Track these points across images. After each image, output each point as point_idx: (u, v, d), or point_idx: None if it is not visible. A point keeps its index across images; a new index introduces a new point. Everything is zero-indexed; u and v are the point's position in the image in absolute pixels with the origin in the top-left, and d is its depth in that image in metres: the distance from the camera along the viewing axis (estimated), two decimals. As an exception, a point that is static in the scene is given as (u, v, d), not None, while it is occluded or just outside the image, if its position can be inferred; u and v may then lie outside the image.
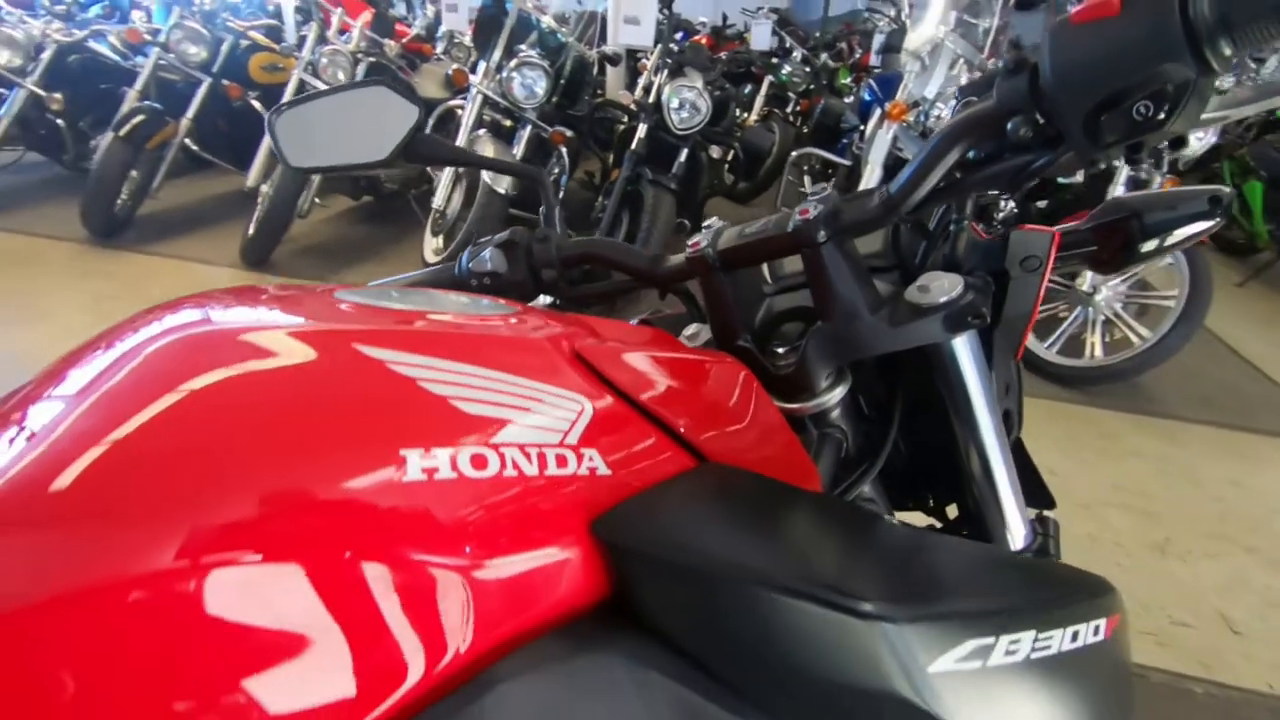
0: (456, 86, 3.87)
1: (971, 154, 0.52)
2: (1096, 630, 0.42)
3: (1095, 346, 2.95)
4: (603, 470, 0.39)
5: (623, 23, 3.43)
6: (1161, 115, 0.40)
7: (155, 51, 3.92)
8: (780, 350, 0.63)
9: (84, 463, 0.30)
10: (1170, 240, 0.62)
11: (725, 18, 7.71)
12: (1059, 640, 0.40)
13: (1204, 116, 0.44)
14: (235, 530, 0.29)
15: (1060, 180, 3.01)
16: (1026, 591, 0.42)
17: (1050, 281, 3.14)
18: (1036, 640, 0.38)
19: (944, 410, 0.62)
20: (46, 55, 3.93)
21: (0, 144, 3.89)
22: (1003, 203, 0.72)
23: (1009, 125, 0.47)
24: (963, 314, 0.54)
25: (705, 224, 0.64)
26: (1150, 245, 0.63)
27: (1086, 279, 2.95)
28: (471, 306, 0.49)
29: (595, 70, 4.28)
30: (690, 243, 0.62)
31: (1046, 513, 0.71)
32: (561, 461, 0.37)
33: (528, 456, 0.35)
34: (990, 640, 0.36)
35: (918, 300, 0.55)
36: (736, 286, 0.63)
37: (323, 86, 3.45)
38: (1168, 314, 2.77)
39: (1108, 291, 2.95)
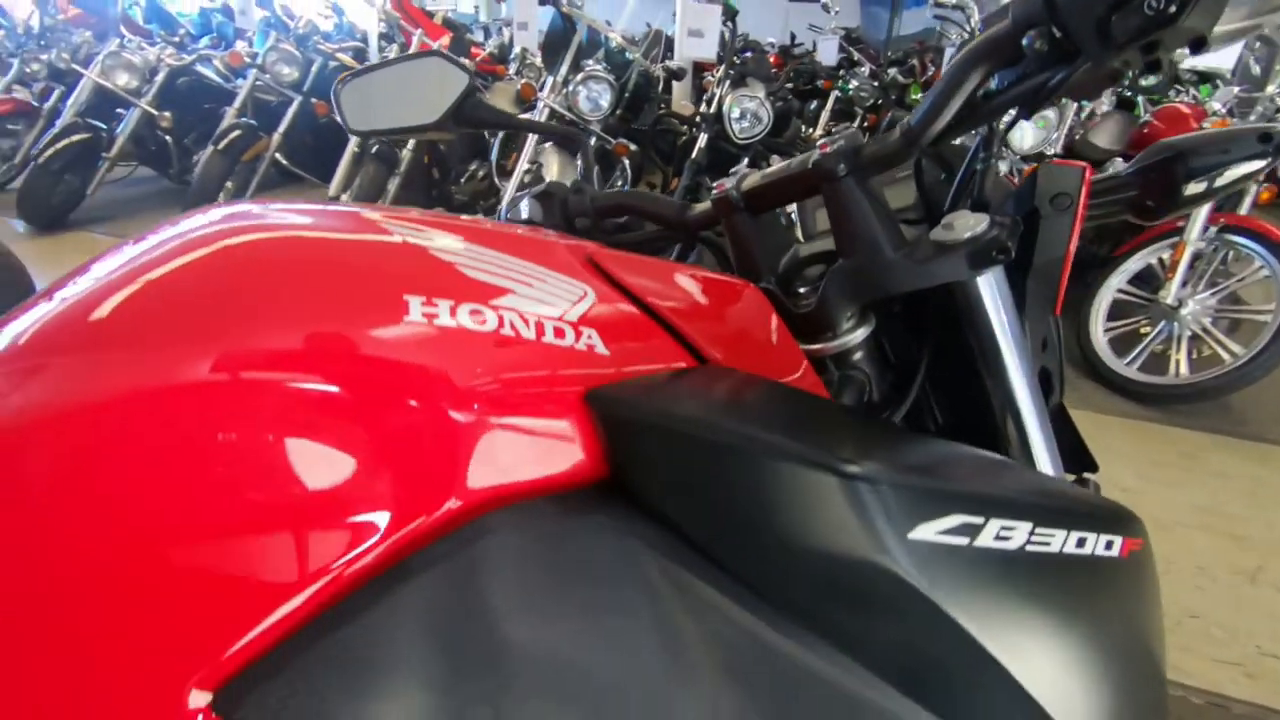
0: (525, 101, 4.02)
1: (994, 83, 0.52)
2: (1109, 545, 0.41)
3: (1180, 364, 2.77)
4: (601, 350, 0.40)
5: (687, 35, 3.49)
6: (1173, 8, 0.39)
7: (253, 73, 4.25)
8: (802, 291, 0.64)
9: (118, 299, 0.34)
10: (1220, 181, 0.59)
11: (793, 37, 7.72)
12: (1060, 541, 0.39)
13: (1232, 26, 0.42)
14: (251, 354, 0.32)
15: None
16: (1027, 488, 0.41)
17: (1130, 295, 2.99)
18: (1034, 534, 0.38)
19: (975, 364, 0.61)
20: (159, 78, 4.30)
21: (117, 159, 4.26)
22: None
23: (1025, 41, 0.47)
24: (987, 249, 0.53)
25: (732, 170, 0.65)
26: (1197, 188, 0.60)
27: (1171, 292, 2.79)
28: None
29: (660, 87, 4.36)
30: (715, 185, 0.63)
31: (1089, 476, 0.68)
32: (559, 334, 0.39)
33: (525, 322, 0.38)
34: (978, 520, 0.36)
35: (941, 238, 0.55)
36: (761, 232, 0.64)
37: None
38: (1263, 329, 2.59)
39: (1195, 305, 2.78)
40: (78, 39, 4.69)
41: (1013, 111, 0.56)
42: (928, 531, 0.35)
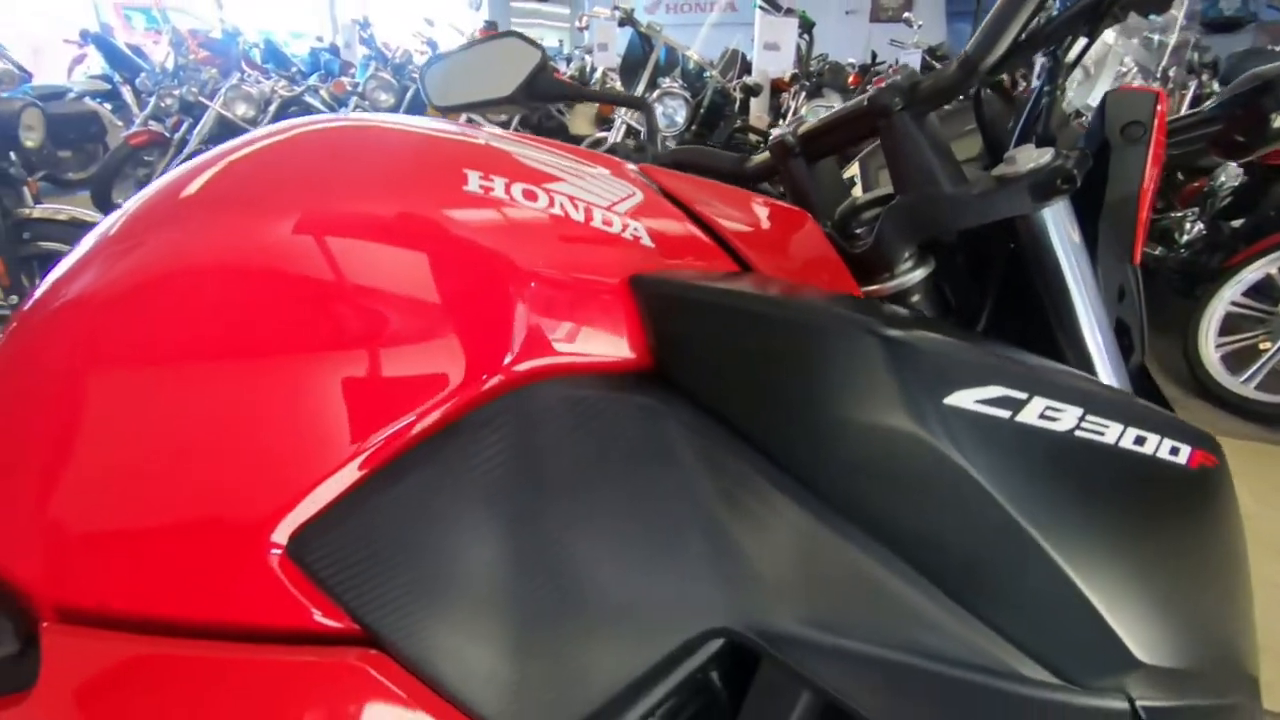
0: (605, 119, 4.13)
1: (1056, 7, 0.50)
2: (1174, 451, 0.39)
3: (1306, 381, 2.53)
4: (646, 242, 0.42)
5: (764, 49, 3.52)
6: None
7: (354, 100, 4.58)
8: (859, 232, 0.63)
9: (206, 177, 0.38)
10: None
11: (874, 56, 7.63)
12: (1116, 434, 0.37)
13: None
14: (323, 217, 0.35)
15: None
16: (1079, 378, 0.39)
17: (1246, 308, 2.75)
18: (1085, 420, 0.36)
19: (1043, 313, 0.58)
20: (273, 107, 4.70)
21: (233, 183, 4.67)
22: (1188, 224, 0.67)
23: None
24: (1051, 178, 0.51)
25: (788, 120, 0.66)
26: None
27: (1292, 305, 2.56)
28: None
29: (737, 105, 4.40)
30: (773, 134, 0.64)
31: None
32: (607, 222, 0.41)
33: (575, 206, 0.40)
34: (1021, 395, 0.35)
35: (1003, 172, 0.53)
36: (818, 179, 0.64)
37: (487, 125, 3.86)
38: (1405, 344, 2.33)
39: (1322, 319, 2.54)
40: (205, 76, 5.17)
41: (1080, 42, 0.54)
42: (965, 399, 0.34)
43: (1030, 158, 0.53)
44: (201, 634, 0.40)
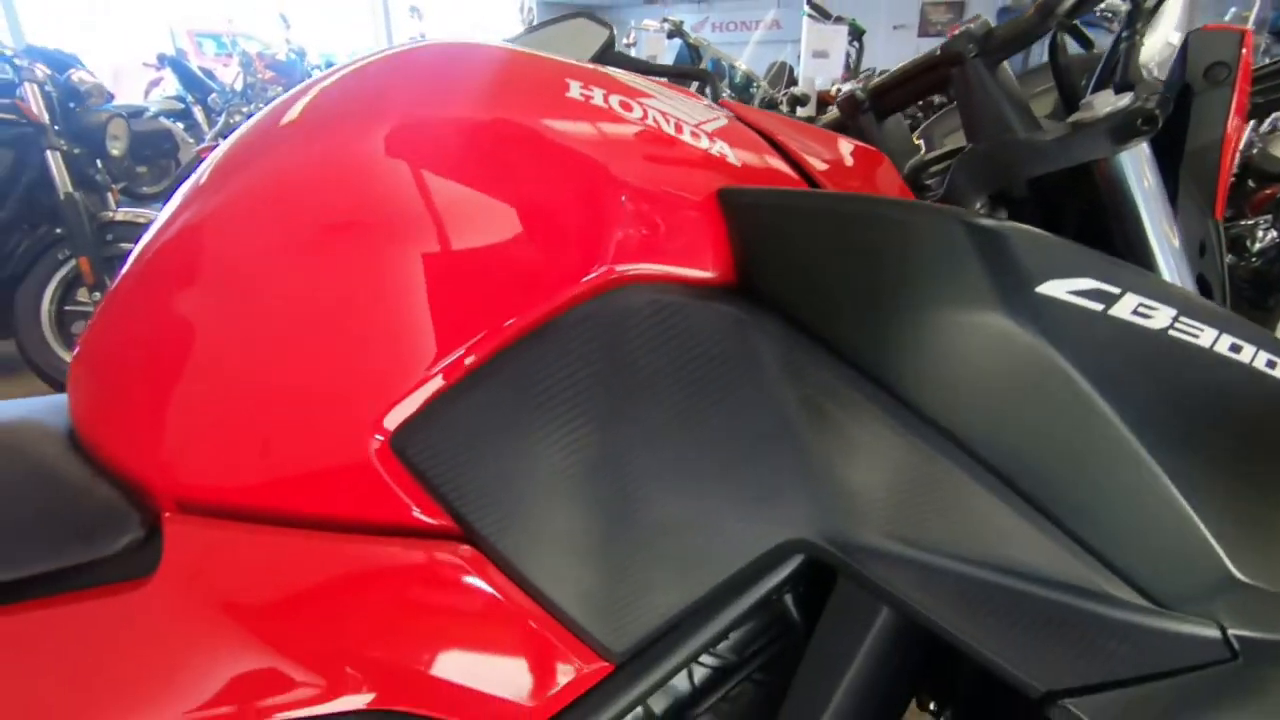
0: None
1: None
2: (1271, 365, 0.38)
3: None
4: (732, 160, 0.43)
5: (812, 57, 3.53)
6: None
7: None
8: (929, 184, 0.64)
9: (302, 103, 0.41)
10: None
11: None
12: (1211, 339, 0.36)
13: None
14: (426, 121, 0.38)
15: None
16: (1176, 286, 0.39)
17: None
18: (1179, 320, 0.36)
19: None
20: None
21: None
22: (1260, 232, 0.64)
23: None
24: (1130, 119, 0.51)
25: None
26: None
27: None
28: None
29: (786, 112, 4.41)
30: (844, 89, 0.65)
31: None
32: (696, 136, 0.42)
33: (666, 120, 0.42)
34: (1114, 289, 0.35)
35: (1080, 117, 0.53)
36: (887, 135, 0.64)
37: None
38: None
39: None
40: (271, 94, 5.44)
41: None
42: (1057, 289, 0.34)
43: (1108, 102, 0.52)
44: (309, 525, 0.42)
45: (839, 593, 0.45)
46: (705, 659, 0.53)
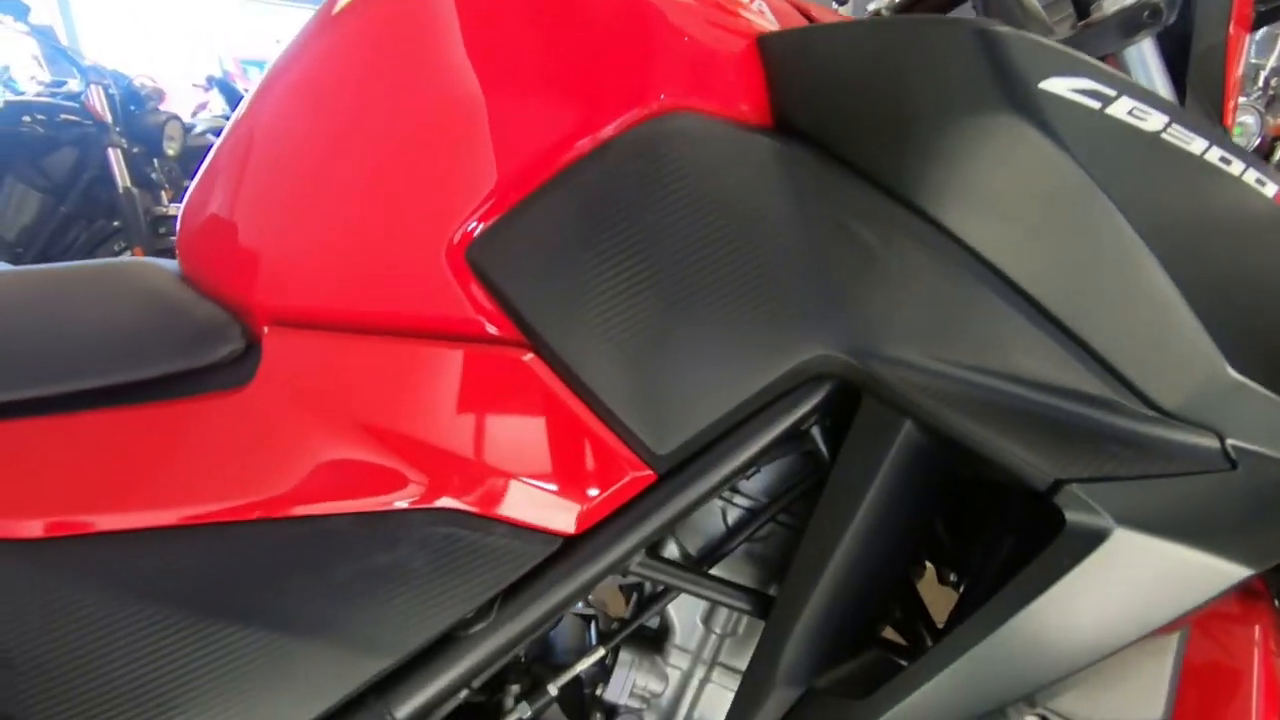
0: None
1: None
2: (1260, 182, 0.42)
3: None
4: (770, 20, 0.49)
5: None
6: None
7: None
8: None
9: None
10: None
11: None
12: (1202, 148, 0.40)
13: None
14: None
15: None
16: (1169, 101, 0.43)
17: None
18: (1171, 126, 0.40)
19: None
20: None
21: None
22: None
23: None
24: (1137, 12, 0.54)
25: None
26: None
27: None
28: None
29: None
30: (869, 7, 0.71)
31: None
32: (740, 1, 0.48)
33: None
34: (1110, 91, 0.39)
35: (1090, 19, 0.57)
36: None
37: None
38: None
39: None
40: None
41: None
42: (1060, 85, 0.39)
43: (1117, 3, 0.56)
44: (389, 333, 0.47)
45: (863, 413, 0.49)
46: (737, 500, 0.57)
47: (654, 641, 0.61)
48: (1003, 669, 0.45)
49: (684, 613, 0.60)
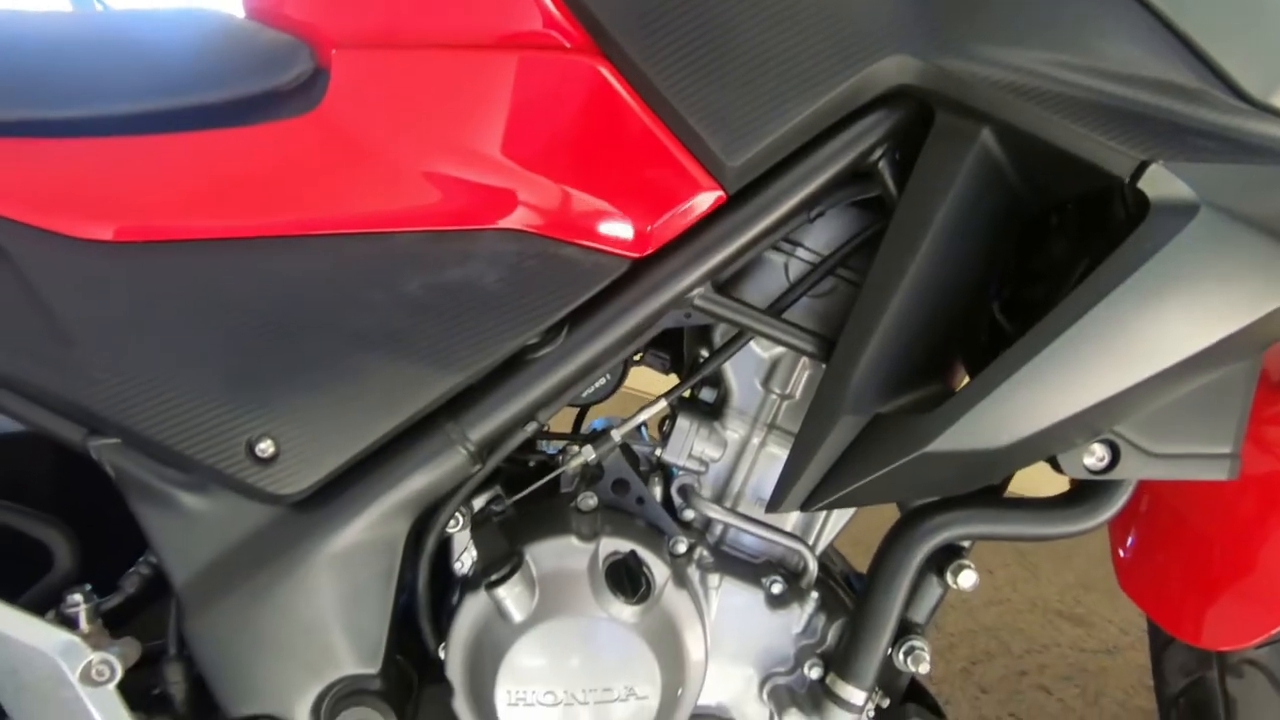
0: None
1: None
2: None
3: None
4: None
5: None
6: None
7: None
8: None
9: None
10: None
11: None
12: None
13: None
14: None
15: None
16: None
17: None
18: None
19: None
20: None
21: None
22: None
23: None
24: None
25: None
26: None
27: None
28: None
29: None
30: None
31: None
32: None
33: None
34: None
35: None
36: None
37: None
38: None
39: None
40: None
41: None
42: None
43: None
44: (460, 46, 0.47)
45: (936, 130, 0.48)
46: (799, 253, 0.57)
47: (712, 411, 0.62)
48: (1078, 371, 0.44)
49: (743, 375, 0.60)
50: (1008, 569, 2.00)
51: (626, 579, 0.53)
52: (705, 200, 0.49)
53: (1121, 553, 0.76)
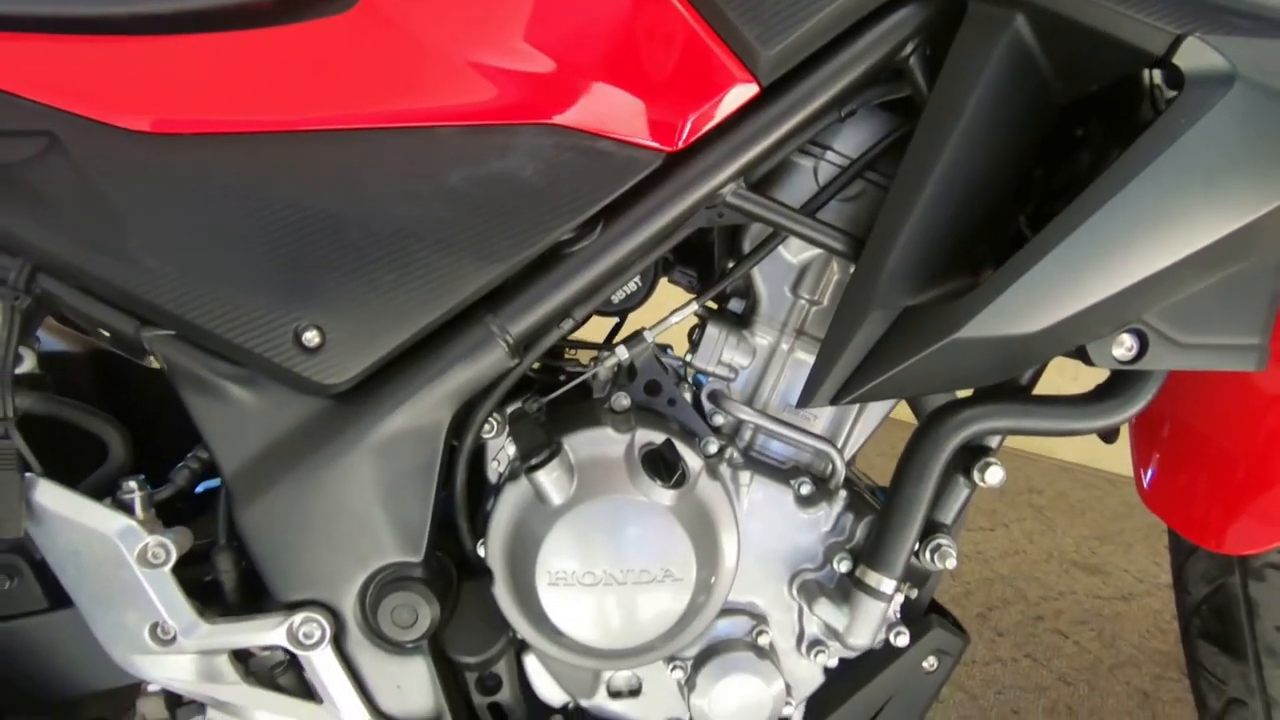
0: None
1: None
2: None
3: None
4: None
5: None
6: None
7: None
8: None
9: None
10: None
11: None
12: None
13: None
14: None
15: None
16: None
17: None
18: None
19: None
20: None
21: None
22: None
23: None
24: None
25: None
26: None
27: None
28: None
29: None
30: None
31: None
32: None
33: None
34: None
35: None
36: None
37: None
38: None
39: None
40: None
41: None
42: None
43: None
44: None
45: (969, 18, 0.48)
46: (828, 156, 0.57)
47: (741, 320, 0.63)
48: (1110, 254, 0.44)
49: (772, 282, 0.61)
50: (1023, 523, 2.01)
51: (663, 466, 0.55)
52: (740, 94, 0.49)
53: (1145, 475, 0.77)
